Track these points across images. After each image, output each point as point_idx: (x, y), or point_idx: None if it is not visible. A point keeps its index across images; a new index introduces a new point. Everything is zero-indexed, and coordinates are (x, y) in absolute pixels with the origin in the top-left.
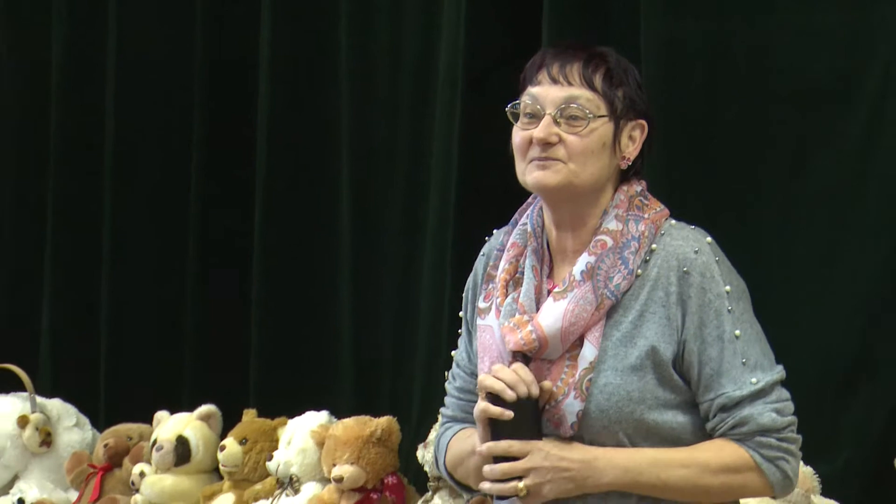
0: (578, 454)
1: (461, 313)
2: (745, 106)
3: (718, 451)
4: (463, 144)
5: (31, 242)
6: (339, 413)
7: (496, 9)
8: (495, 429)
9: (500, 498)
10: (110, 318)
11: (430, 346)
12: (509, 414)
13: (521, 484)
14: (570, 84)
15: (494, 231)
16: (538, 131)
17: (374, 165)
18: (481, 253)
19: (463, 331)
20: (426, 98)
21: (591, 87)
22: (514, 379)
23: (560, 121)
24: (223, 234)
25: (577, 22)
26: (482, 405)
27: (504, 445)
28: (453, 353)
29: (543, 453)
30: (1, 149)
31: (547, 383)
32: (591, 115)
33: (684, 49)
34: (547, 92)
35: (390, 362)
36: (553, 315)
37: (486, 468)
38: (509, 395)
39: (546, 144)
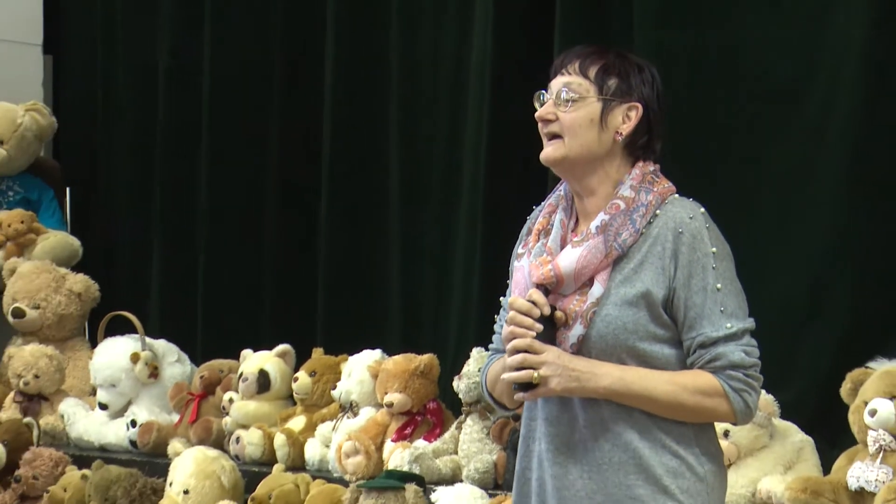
0: (585, 361)
1: (510, 268)
2: (719, 101)
3: (696, 377)
4: (490, 129)
5: (143, 215)
6: (389, 351)
7: (517, 20)
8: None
9: (520, 388)
10: (205, 276)
11: (464, 298)
12: (539, 327)
13: (535, 373)
14: (568, 74)
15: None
16: (539, 111)
17: (418, 146)
18: (528, 218)
19: (510, 282)
20: (460, 93)
21: (584, 75)
22: (528, 307)
23: (559, 102)
24: (298, 206)
25: (583, 31)
26: (508, 328)
27: (527, 342)
28: (501, 299)
29: (557, 353)
30: (118, 136)
31: (559, 313)
32: (576, 97)
33: (670, 54)
34: (554, 82)
35: (431, 311)
36: (569, 258)
37: (509, 359)
38: (535, 312)
39: (546, 121)
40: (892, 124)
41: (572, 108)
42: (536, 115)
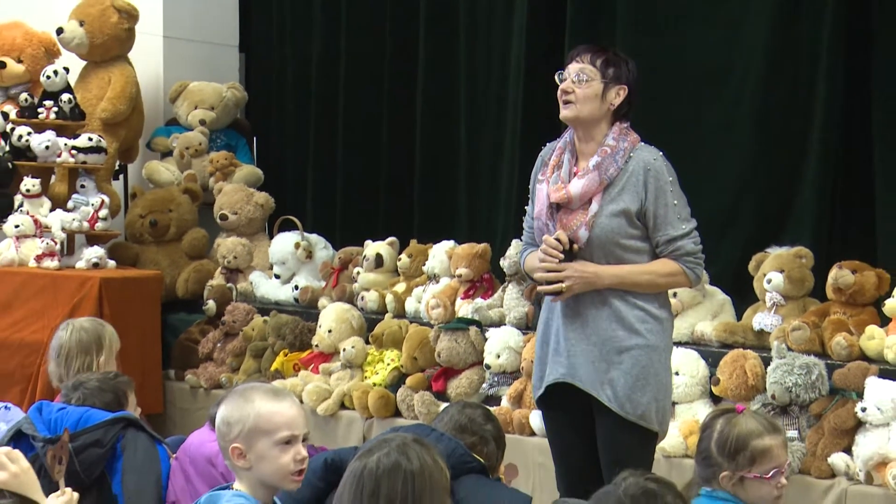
0: (592, 268)
1: (529, 187)
2: (671, 81)
3: (665, 265)
4: (524, 98)
5: (302, 155)
6: (459, 241)
7: (542, 27)
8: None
9: (552, 294)
10: (342, 194)
11: (507, 207)
12: (561, 256)
13: (562, 284)
14: (582, 62)
15: (547, 144)
16: (562, 85)
17: (478, 107)
18: (540, 155)
19: (531, 197)
20: (504, 75)
21: (593, 64)
22: (556, 244)
23: (574, 80)
24: (402, 147)
25: (584, 36)
26: (542, 255)
27: (553, 266)
28: (526, 207)
29: (574, 268)
30: (287, 104)
31: (576, 245)
32: (587, 78)
33: (643, 51)
34: (571, 67)
35: (486, 215)
36: (577, 185)
37: (542, 275)
38: (560, 246)
39: (565, 93)
40: (784, 97)
41: (585, 86)
42: (561, 87)
